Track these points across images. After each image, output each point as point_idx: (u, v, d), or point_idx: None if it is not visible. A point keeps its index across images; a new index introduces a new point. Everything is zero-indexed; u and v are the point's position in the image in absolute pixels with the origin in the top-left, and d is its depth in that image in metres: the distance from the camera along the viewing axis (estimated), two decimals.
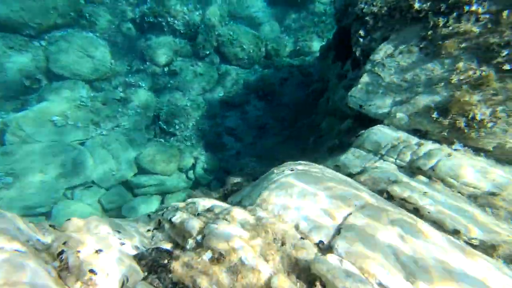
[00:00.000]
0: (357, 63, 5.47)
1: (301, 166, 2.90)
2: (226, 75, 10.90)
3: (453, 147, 3.76)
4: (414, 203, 2.95)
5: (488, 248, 2.30)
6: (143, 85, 9.91)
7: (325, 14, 11.17)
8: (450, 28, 3.70)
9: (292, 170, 2.66)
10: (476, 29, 3.46)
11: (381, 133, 4.31)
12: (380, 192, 3.40)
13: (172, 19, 10.08)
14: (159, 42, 10.27)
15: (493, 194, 3.10)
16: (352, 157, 4.44)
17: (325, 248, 1.91)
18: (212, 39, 10.59)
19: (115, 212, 7.72)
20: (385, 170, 3.80)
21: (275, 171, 2.79)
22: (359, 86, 4.90)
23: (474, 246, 2.36)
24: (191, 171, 8.67)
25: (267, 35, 11.39)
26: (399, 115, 4.30)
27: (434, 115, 3.84)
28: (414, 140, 4.08)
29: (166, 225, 1.99)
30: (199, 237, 1.80)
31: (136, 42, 10.52)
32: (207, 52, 10.68)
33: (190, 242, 1.75)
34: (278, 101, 10.64)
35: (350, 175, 4.16)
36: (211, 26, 10.48)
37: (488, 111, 3.43)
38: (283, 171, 2.70)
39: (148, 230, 2.00)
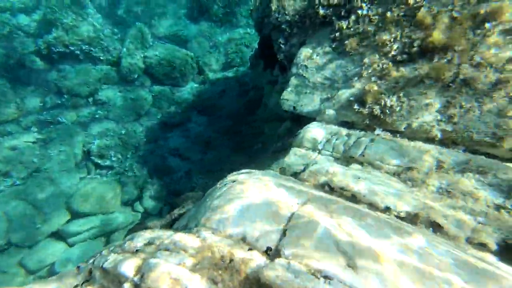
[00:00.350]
0: (284, 68, 5.80)
1: (243, 175, 2.89)
2: (161, 96, 10.49)
3: (375, 132, 4.21)
4: (350, 190, 3.19)
5: (412, 218, 2.61)
6: (64, 120, 8.84)
7: (249, 25, 11.71)
8: (352, 29, 4.19)
9: (233, 182, 2.63)
10: (370, 29, 3.98)
11: (316, 130, 4.60)
12: (322, 186, 3.61)
13: (87, 46, 9.33)
14: (77, 71, 9.36)
15: (410, 168, 3.54)
16: (294, 157, 4.62)
17: (274, 254, 1.90)
18: (138, 62, 10.12)
19: (48, 270, 6.56)
20: (323, 164, 4.06)
21: (217, 186, 2.73)
22: (289, 89, 5.19)
23: (402, 218, 2.65)
24: (138, 203, 7.98)
25: (196, 52, 11.39)
26: (328, 111, 4.66)
27: (355, 106, 4.25)
28: (344, 131, 4.44)
29: (97, 274, 1.74)
30: (137, 278, 1.62)
31: (47, 75, 9.41)
32: (136, 76, 10.15)
33: (126, 287, 1.56)
34: (219, 113, 10.64)
35: (296, 174, 4.33)
36: (134, 49, 10.03)
37: (394, 98, 3.94)
38: (225, 184, 2.65)
39: (76, 286, 1.71)
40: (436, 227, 2.45)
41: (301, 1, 4.62)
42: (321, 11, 4.38)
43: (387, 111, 3.98)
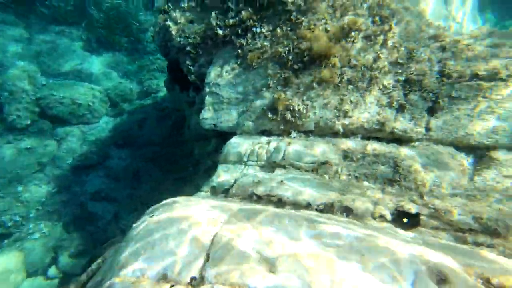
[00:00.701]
0: (198, 88, 5.81)
1: (163, 207, 2.71)
2: (68, 138, 9.20)
3: (291, 136, 4.54)
4: (275, 195, 3.33)
5: (329, 208, 2.86)
6: None
7: (158, 50, 11.46)
8: (251, 45, 4.50)
9: (152, 217, 2.43)
10: (266, 43, 4.35)
11: (238, 143, 4.70)
12: (250, 196, 3.67)
13: None
14: None
15: (324, 163, 3.93)
16: (222, 174, 4.60)
17: (198, 282, 1.80)
18: (30, 106, 8.66)
19: None
20: (250, 174, 4.15)
21: (133, 225, 2.48)
22: (206, 108, 5.20)
23: (321, 211, 2.88)
24: (53, 267, 6.60)
25: (105, 84, 10.49)
26: (246, 123, 4.82)
27: (269, 115, 4.51)
28: (264, 140, 4.65)
29: None
30: None
31: None
32: (29, 122, 8.65)
33: None
34: (143, 143, 9.96)
35: (226, 190, 4.30)
36: (20, 92, 8.56)
37: (300, 102, 4.34)
38: (142, 222, 2.43)
39: None
40: (348, 211, 2.75)
41: (199, 24, 4.76)
42: (220, 32, 4.59)
43: (296, 114, 4.35)
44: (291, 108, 4.37)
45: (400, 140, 3.93)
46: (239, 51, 4.69)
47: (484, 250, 1.77)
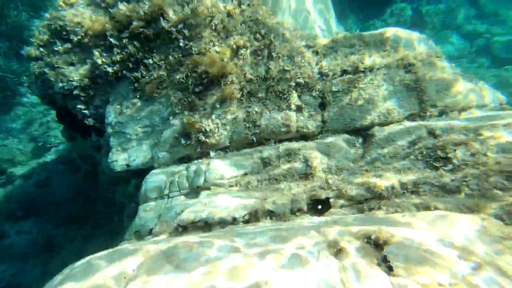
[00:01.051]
0: (100, 131, 5.29)
1: (66, 270, 2.29)
2: None
3: (210, 156, 4.52)
4: (201, 220, 3.22)
5: (254, 216, 2.92)
6: None
7: None
8: (147, 77, 4.38)
9: None
10: (163, 73, 4.30)
11: (155, 177, 4.41)
12: (176, 229, 3.46)
13: None
14: None
15: (245, 174, 4.03)
16: (144, 214, 4.24)
17: None
18: None
19: None
20: (174, 207, 3.92)
21: None
22: (114, 149, 4.78)
23: (247, 221, 2.91)
24: None
25: None
26: (161, 154, 4.59)
27: (183, 141, 4.41)
28: (183, 167, 4.49)
29: None
30: None
31: None
32: None
33: None
34: (50, 204, 8.43)
35: (151, 231, 3.96)
36: None
37: (209, 122, 4.38)
38: None
39: None
40: (270, 214, 2.85)
41: (83, 64, 4.38)
42: (109, 69, 4.32)
43: (209, 134, 4.36)
44: (203, 130, 4.37)
45: (306, 136, 4.36)
46: (136, 84, 4.51)
47: (374, 213, 2.09)
